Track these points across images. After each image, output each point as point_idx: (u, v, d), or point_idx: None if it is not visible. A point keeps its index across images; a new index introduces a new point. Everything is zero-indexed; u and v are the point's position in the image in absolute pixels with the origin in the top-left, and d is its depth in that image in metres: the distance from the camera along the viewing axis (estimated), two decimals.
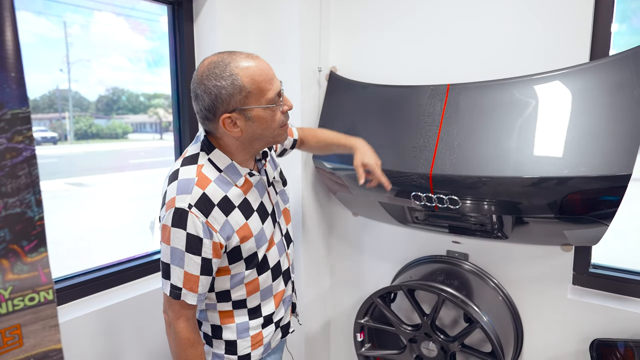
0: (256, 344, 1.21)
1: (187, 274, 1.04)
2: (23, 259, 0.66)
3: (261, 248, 1.15)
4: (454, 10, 1.62)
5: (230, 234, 1.07)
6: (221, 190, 1.07)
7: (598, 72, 1.29)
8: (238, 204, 1.10)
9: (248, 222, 1.11)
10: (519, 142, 1.33)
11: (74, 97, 11.32)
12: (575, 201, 1.27)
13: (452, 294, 1.48)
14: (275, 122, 1.08)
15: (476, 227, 1.55)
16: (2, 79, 0.62)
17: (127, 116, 12.14)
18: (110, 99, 12.15)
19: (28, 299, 0.67)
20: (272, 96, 1.05)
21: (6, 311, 0.64)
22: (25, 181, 0.65)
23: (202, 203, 1.02)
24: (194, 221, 1.01)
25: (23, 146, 0.65)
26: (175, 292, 1.05)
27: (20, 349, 0.65)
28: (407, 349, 1.61)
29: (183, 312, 1.07)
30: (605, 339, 1.43)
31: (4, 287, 0.64)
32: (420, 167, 1.47)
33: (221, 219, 1.05)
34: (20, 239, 0.65)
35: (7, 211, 0.64)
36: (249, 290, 1.17)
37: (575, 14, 1.41)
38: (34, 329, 0.66)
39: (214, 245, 1.04)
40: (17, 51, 0.64)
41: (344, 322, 2.13)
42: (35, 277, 0.67)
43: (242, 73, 1.02)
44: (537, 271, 1.58)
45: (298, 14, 1.78)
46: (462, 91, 1.49)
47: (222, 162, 1.09)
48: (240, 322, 1.18)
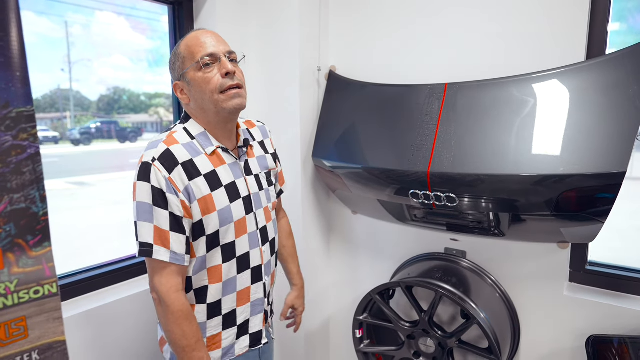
0: (213, 346, 1.16)
1: (157, 228, 1.02)
2: (28, 253, 0.68)
3: (226, 228, 1.13)
4: (452, 10, 1.64)
5: (193, 199, 1.07)
6: (187, 153, 1.09)
7: (594, 71, 1.31)
8: (205, 173, 1.10)
9: (213, 194, 1.10)
10: (515, 141, 1.35)
11: (75, 97, 11.34)
12: (571, 198, 1.29)
13: (449, 290, 1.50)
14: (211, 84, 1.10)
15: (474, 224, 1.57)
16: (8, 78, 0.64)
17: (128, 115, 12.16)
18: (111, 99, 12.18)
19: (33, 291, 0.68)
20: (199, 56, 1.10)
21: (12, 303, 0.66)
22: (29, 178, 0.67)
23: (165, 158, 1.05)
24: (157, 174, 1.03)
25: (28, 144, 0.67)
26: (146, 250, 1.03)
27: (25, 340, 0.67)
28: (405, 345, 1.62)
29: (171, 281, 1.05)
30: (601, 335, 1.45)
31: (9, 280, 0.66)
32: (418, 166, 1.49)
33: (185, 180, 1.06)
34: (25, 234, 0.67)
35: (13, 206, 0.66)
36: (211, 277, 1.13)
37: (571, 13, 1.42)
38: (38, 321, 0.68)
39: (182, 204, 1.05)
40: (22, 51, 0.65)
41: (343, 318, 2.15)
42: (40, 271, 0.69)
43: (181, 43, 1.15)
44: (534, 268, 1.60)
45: (297, 14, 1.79)
46: (459, 90, 1.50)
47: (195, 130, 1.16)
48: (199, 321, 1.14)
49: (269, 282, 1.28)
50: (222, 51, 1.13)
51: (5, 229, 0.64)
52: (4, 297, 0.65)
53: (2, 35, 0.62)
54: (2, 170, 0.64)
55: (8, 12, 0.62)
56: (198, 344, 1.08)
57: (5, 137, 0.64)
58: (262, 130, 1.37)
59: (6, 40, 0.63)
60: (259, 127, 1.38)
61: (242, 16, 1.91)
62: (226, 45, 1.16)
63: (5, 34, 0.62)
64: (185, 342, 1.06)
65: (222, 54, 1.12)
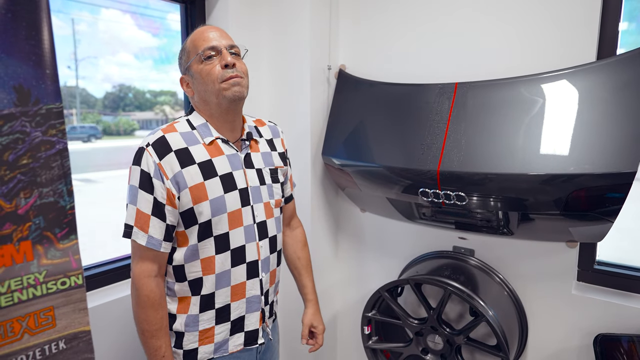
0: (205, 340, 1.16)
1: (139, 211, 1.06)
2: (56, 245, 0.70)
3: (218, 218, 1.13)
4: (462, 9, 1.65)
5: (183, 187, 1.09)
6: (183, 142, 1.13)
7: (605, 71, 1.31)
8: (199, 161, 1.13)
9: (205, 183, 1.11)
10: (525, 140, 1.36)
11: (82, 94, 11.39)
12: (580, 198, 1.30)
13: (458, 288, 1.51)
14: (213, 75, 1.13)
15: (482, 223, 1.58)
16: (39, 75, 0.66)
17: (133, 113, 12.19)
18: (117, 96, 12.21)
19: (60, 282, 0.71)
20: (201, 49, 1.14)
21: (41, 294, 0.68)
22: (57, 172, 0.69)
23: (158, 144, 1.09)
24: (147, 159, 1.07)
25: (56, 139, 0.69)
26: (127, 231, 1.07)
27: (53, 330, 0.69)
28: (413, 342, 1.64)
29: (145, 266, 1.07)
30: (609, 334, 1.46)
31: (39, 271, 0.68)
32: (428, 164, 1.50)
33: (175, 168, 1.09)
34: (53, 227, 0.69)
35: (42, 200, 0.68)
36: (205, 269, 1.14)
37: (582, 13, 1.43)
38: (65, 311, 0.71)
39: (167, 192, 1.07)
40: (52, 49, 0.67)
41: (351, 315, 2.17)
42: (67, 263, 0.71)
43: (188, 39, 1.20)
44: (542, 267, 1.61)
45: (308, 12, 1.81)
46: (469, 89, 1.51)
47: (197, 121, 1.19)
48: (191, 313, 1.14)
49: (266, 280, 1.26)
50: (224, 45, 1.16)
51: (34, 221, 0.67)
52: (34, 287, 0.67)
53: (34, 34, 0.64)
54: (32, 164, 0.66)
55: (40, 12, 0.64)
56: (159, 332, 1.09)
57: (35, 133, 0.66)
58: (272, 130, 1.37)
59: (38, 39, 0.65)
60: (269, 126, 1.37)
61: (254, 15, 1.93)
62: (229, 39, 1.19)
63: (37, 33, 0.64)
64: (146, 326, 1.08)
65: (224, 47, 1.15)
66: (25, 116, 0.65)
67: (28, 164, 0.66)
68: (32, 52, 0.64)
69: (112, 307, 1.49)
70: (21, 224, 0.65)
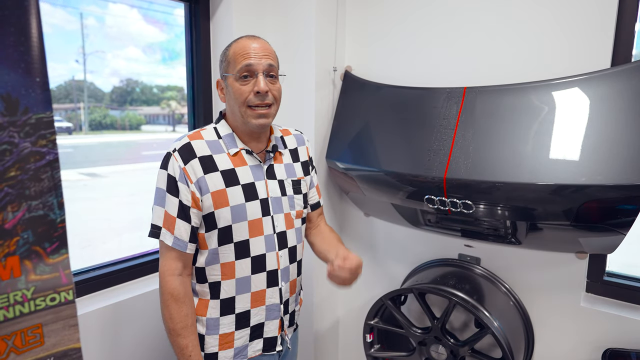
0: (225, 345, 1.18)
1: (166, 213, 1.12)
2: (45, 260, 0.67)
3: (239, 225, 1.15)
4: (472, 12, 1.60)
5: (205, 191, 1.12)
6: (208, 149, 1.16)
7: (619, 79, 1.27)
8: (222, 169, 1.16)
9: (227, 190, 1.14)
10: (535, 148, 1.32)
11: (89, 88, 11.42)
12: (591, 209, 1.26)
13: (463, 298, 1.48)
14: (242, 95, 1.14)
15: (489, 231, 1.54)
16: (28, 83, 0.63)
17: (140, 108, 12.20)
18: (124, 91, 12.24)
19: (49, 299, 0.68)
20: (239, 67, 1.14)
21: (29, 311, 0.66)
22: (48, 184, 0.67)
23: (184, 150, 1.13)
24: (173, 164, 1.12)
25: (46, 150, 0.66)
26: (154, 232, 1.13)
27: (41, 348, 0.66)
28: (416, 352, 1.61)
29: (170, 264, 1.12)
30: (618, 349, 1.42)
31: (27, 287, 0.65)
32: (435, 171, 1.46)
33: (198, 173, 1.12)
34: (42, 241, 0.67)
35: (31, 213, 0.65)
36: (224, 273, 1.16)
37: (597, 19, 1.38)
38: (54, 328, 0.68)
39: (192, 195, 1.11)
40: (42, 56, 0.64)
41: (353, 322, 2.14)
42: (57, 278, 0.69)
43: (232, 45, 1.19)
44: (550, 278, 1.57)
45: (314, 14, 1.77)
46: (478, 95, 1.47)
47: (224, 131, 1.21)
48: (211, 316, 1.17)
49: (286, 289, 1.26)
50: (262, 66, 1.15)
51: (23, 236, 0.64)
52: (21, 304, 0.65)
53: (23, 40, 0.61)
54: (21, 177, 0.64)
55: (29, 16, 0.61)
56: (184, 330, 1.11)
57: (24, 144, 0.64)
58: (297, 138, 1.38)
59: (27, 45, 0.62)
60: (294, 135, 1.39)
61: (258, 15, 1.90)
62: (269, 57, 1.17)
63: (26, 39, 0.61)
64: (171, 325, 1.11)
65: (261, 70, 1.14)
66: (14, 126, 0.62)
67: (16, 176, 0.63)
68: (21, 59, 0.61)
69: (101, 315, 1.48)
70: (8, 239, 0.63)
